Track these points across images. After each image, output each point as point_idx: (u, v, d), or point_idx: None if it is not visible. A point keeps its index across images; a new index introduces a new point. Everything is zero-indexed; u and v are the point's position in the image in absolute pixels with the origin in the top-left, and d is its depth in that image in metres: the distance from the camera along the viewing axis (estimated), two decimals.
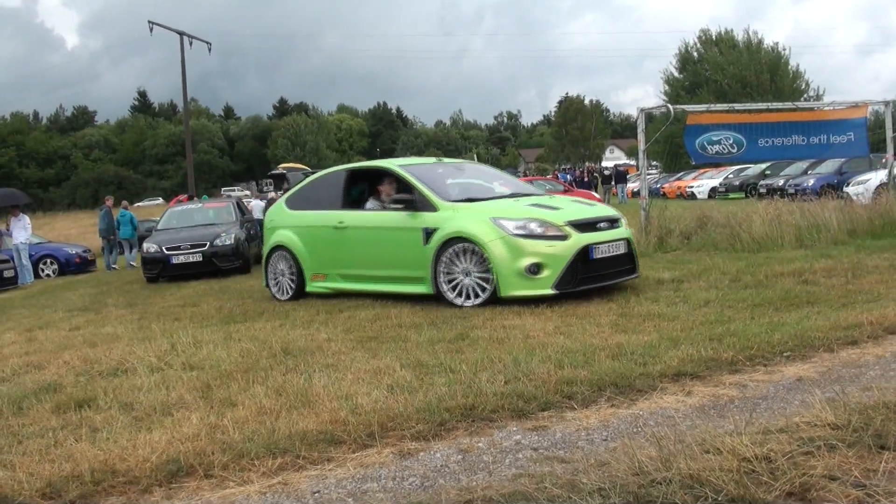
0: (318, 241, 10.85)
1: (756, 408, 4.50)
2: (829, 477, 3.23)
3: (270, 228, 11.68)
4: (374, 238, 10.25)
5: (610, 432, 4.24)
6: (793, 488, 3.15)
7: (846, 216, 13.65)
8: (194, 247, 17.20)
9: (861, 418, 3.83)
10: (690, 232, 13.79)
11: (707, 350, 5.68)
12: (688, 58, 67.36)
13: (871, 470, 3.34)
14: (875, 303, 7.32)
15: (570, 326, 7.19)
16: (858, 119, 16.41)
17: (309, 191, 11.51)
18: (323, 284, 10.85)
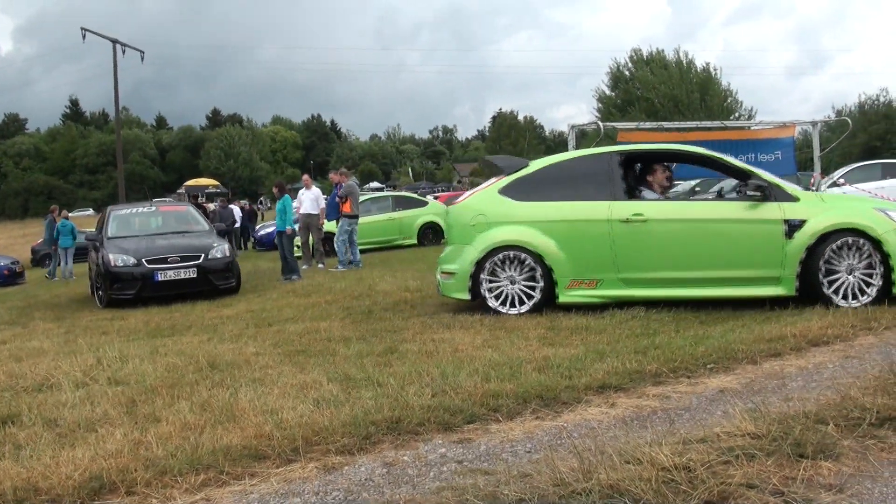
0: (586, 239, 8.73)
1: (678, 419, 4.57)
2: (748, 485, 3.30)
3: (480, 224, 9.09)
4: (698, 233, 8.48)
5: (534, 444, 4.27)
6: (711, 497, 3.21)
7: None
8: (185, 259, 13.77)
9: (781, 428, 3.92)
10: None
11: (632, 363, 5.76)
12: (620, 76, 68.31)
13: (789, 478, 3.42)
14: (799, 316, 7.49)
15: (499, 340, 7.23)
16: (786, 138, 16.83)
17: (550, 178, 9.24)
18: (590, 293, 8.73)
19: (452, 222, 9.62)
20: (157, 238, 14.86)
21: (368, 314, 9.43)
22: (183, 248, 14.07)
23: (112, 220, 15.69)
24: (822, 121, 19.45)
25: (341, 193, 17.69)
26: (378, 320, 9.00)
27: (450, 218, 9.75)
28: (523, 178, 9.24)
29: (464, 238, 9.17)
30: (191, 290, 13.59)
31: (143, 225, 16.11)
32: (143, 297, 13.31)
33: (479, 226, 9.08)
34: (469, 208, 9.35)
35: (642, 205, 8.68)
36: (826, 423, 4.06)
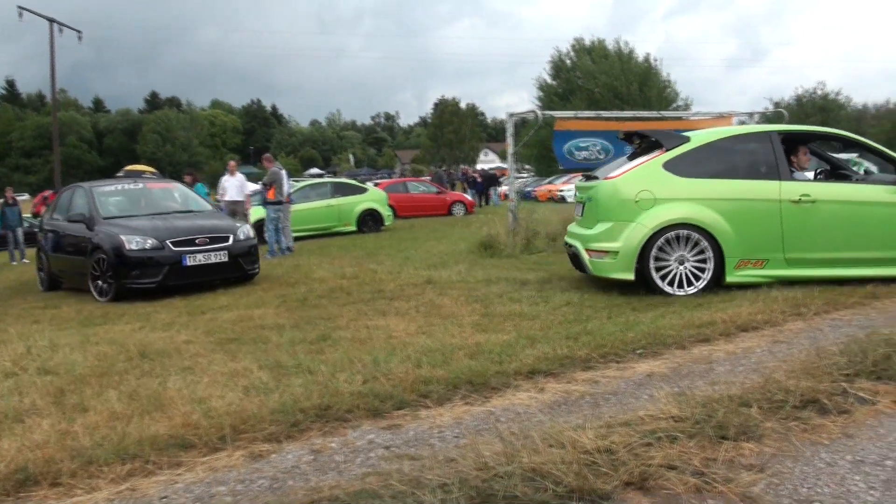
0: (757, 219, 8.57)
1: (605, 403, 4.61)
2: (668, 466, 3.34)
3: (645, 200, 8.60)
4: (859, 214, 8.59)
5: (462, 429, 4.26)
6: (632, 478, 3.24)
7: None
8: (214, 241, 11.94)
9: (704, 411, 3.98)
10: (557, 234, 14.04)
11: (562, 348, 5.79)
12: (561, 66, 68.66)
13: (710, 459, 3.47)
14: (730, 302, 7.61)
15: (433, 327, 7.21)
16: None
17: (712, 154, 8.93)
18: (757, 272, 8.59)
19: (610, 198, 8.87)
20: (172, 218, 12.68)
21: (303, 301, 9.35)
22: (210, 229, 12.22)
23: (100, 199, 13.11)
24: (759, 112, 19.73)
25: (265, 180, 17.50)
26: (312, 307, 8.92)
27: (604, 193, 8.96)
28: (686, 153, 8.89)
29: (626, 215, 8.64)
30: (220, 277, 11.97)
31: (139, 203, 13.63)
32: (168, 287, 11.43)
33: (643, 202, 8.62)
34: (631, 184, 8.76)
35: (810, 185, 8.74)
36: (749, 405, 4.13)
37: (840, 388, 4.52)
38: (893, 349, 5.27)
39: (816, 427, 3.99)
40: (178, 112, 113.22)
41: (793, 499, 3.18)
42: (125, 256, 11.39)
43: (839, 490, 3.28)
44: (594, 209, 9.06)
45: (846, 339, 5.86)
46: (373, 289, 10.05)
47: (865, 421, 4.15)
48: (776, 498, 3.19)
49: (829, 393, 4.43)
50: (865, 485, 3.35)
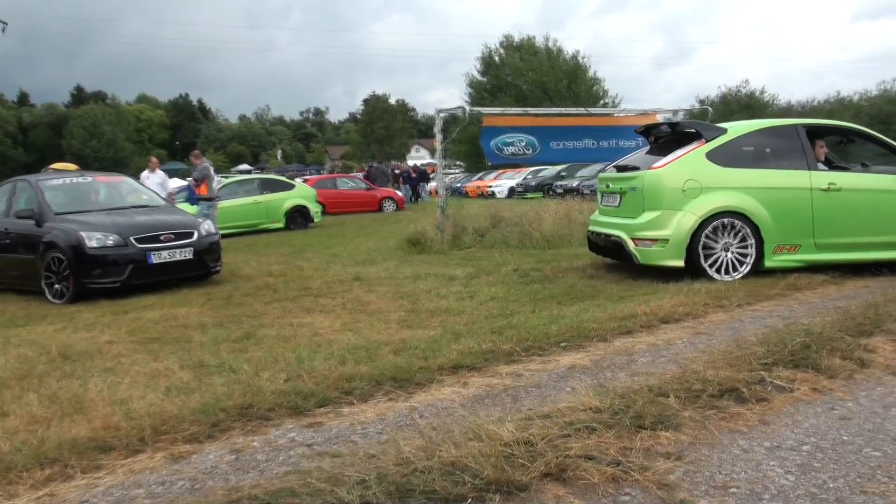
0: (791, 206, 8.99)
1: (527, 396, 4.63)
2: (586, 456, 3.37)
3: (692, 189, 8.89)
4: (878, 202, 9.18)
5: (385, 426, 4.24)
6: (549, 469, 3.27)
7: None
8: (179, 237, 11.27)
9: (623, 402, 4.03)
10: (484, 230, 14.13)
11: (487, 343, 5.82)
12: (490, 62, 69.10)
13: (628, 448, 3.51)
14: (653, 295, 7.74)
15: (359, 323, 7.18)
16: None
17: (748, 146, 9.31)
18: (792, 257, 9.02)
19: (657, 187, 9.03)
20: (131, 213, 11.91)
21: (228, 300, 9.23)
22: (174, 225, 11.52)
23: (48, 193, 12.10)
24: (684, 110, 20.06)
25: (196, 176, 17.27)
26: (238, 306, 8.82)
27: (651, 183, 9.09)
28: (726, 143, 9.21)
29: (674, 204, 8.88)
30: (185, 275, 11.25)
31: (91, 197, 12.74)
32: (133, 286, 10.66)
33: (691, 191, 8.88)
34: (678, 173, 9.00)
35: (835, 175, 9.19)
36: (668, 395, 4.20)
37: (758, 377, 4.62)
38: (812, 339, 5.41)
39: (734, 415, 4.06)
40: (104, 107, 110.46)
41: (709, 485, 3.23)
42: (86, 255, 10.60)
43: (755, 475, 3.34)
44: (638, 199, 9.19)
45: (766, 329, 6.00)
46: (299, 286, 9.97)
47: (783, 408, 4.25)
48: (692, 485, 3.23)
49: (748, 382, 4.52)
50: (781, 469, 3.42)
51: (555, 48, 68.02)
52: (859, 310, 6.58)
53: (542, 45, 68.53)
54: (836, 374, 4.87)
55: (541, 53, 67.09)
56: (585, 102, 56.38)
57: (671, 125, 10.13)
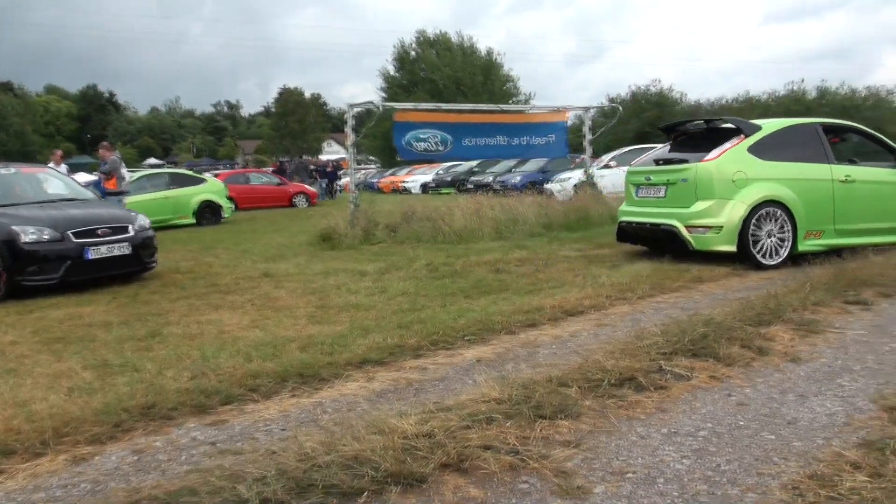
0: (818, 196, 9.81)
1: (433, 389, 4.67)
2: (485, 447, 3.42)
3: (741, 180, 9.57)
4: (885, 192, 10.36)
5: (288, 422, 4.22)
6: (449, 460, 3.30)
7: (543, 210, 14.63)
8: (116, 232, 10.59)
9: (524, 392, 4.10)
10: (396, 225, 14.13)
11: (394, 338, 5.84)
12: (405, 57, 69.10)
13: (527, 438, 3.57)
14: (559, 289, 7.85)
15: (266, 320, 7.12)
16: (559, 123, 17.68)
17: (780, 140, 10.06)
18: (817, 242, 9.86)
19: (710, 178, 9.67)
20: (64, 206, 11.21)
21: (134, 297, 9.05)
22: (109, 219, 10.84)
23: None
24: (594, 107, 20.38)
25: (104, 170, 16.86)
26: (144, 304, 8.65)
27: (704, 174, 9.72)
28: (763, 139, 9.96)
29: (725, 193, 9.55)
30: (122, 271, 10.58)
31: (16, 190, 11.88)
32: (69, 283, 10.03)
33: (739, 182, 9.55)
34: (728, 165, 9.69)
35: (850, 168, 10.11)
36: (568, 385, 4.28)
37: (657, 366, 4.74)
38: (711, 328, 5.56)
39: (633, 403, 4.16)
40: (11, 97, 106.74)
41: (606, 471, 3.31)
42: (20, 250, 9.92)
43: (651, 461, 3.43)
44: (690, 189, 9.83)
45: (668, 320, 6.15)
46: (207, 283, 9.83)
47: (681, 395, 4.36)
48: (589, 471, 3.30)
49: (647, 371, 4.63)
50: (677, 454, 3.52)
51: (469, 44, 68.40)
52: (760, 300, 6.79)
53: (456, 41, 68.82)
54: (735, 362, 5.03)
55: (455, 49, 67.35)
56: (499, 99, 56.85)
57: (707, 121, 10.76)
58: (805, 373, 4.88)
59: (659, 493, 3.11)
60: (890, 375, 4.77)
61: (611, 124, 20.97)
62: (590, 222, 14.83)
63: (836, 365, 5.06)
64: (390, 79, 68.92)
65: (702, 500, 3.05)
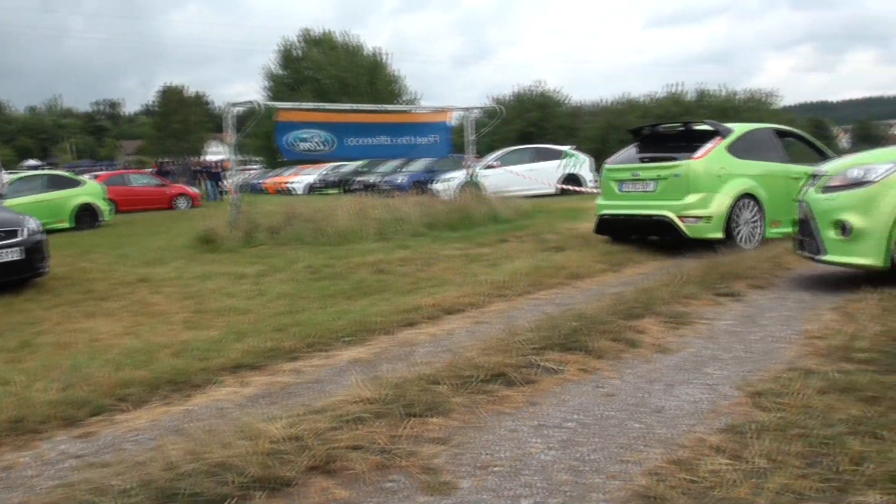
0: (778, 190, 10.97)
1: (307, 392, 4.67)
2: (354, 447, 3.45)
3: (725, 176, 10.78)
4: None
5: (159, 431, 4.16)
6: (316, 462, 3.32)
7: (426, 210, 14.72)
8: (6, 236, 9.76)
9: (396, 391, 4.14)
10: (278, 227, 13.99)
11: (270, 341, 5.80)
12: (290, 56, 68.24)
13: (396, 436, 3.62)
14: (439, 288, 7.93)
15: (141, 326, 6.98)
16: (443, 123, 17.83)
17: (748, 142, 11.32)
18: (778, 230, 11.00)
19: (700, 174, 10.72)
20: None
21: (7, 306, 8.71)
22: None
23: None
24: (477, 107, 20.59)
25: None
26: (16, 312, 8.35)
27: (695, 170, 10.72)
28: (736, 140, 11.16)
29: (713, 187, 10.65)
30: (12, 278, 9.79)
31: None
32: None
33: (724, 177, 10.72)
34: (713, 163, 10.79)
35: (801, 167, 10.82)
36: (440, 383, 4.33)
37: (529, 361, 4.84)
38: (583, 323, 5.70)
39: (503, 398, 4.24)
40: None
41: (473, 466, 3.37)
42: None
43: (518, 453, 3.51)
44: (682, 183, 10.79)
45: (542, 316, 6.26)
46: (83, 289, 9.55)
47: (551, 389, 4.47)
48: (457, 467, 3.36)
49: (518, 366, 4.72)
50: (544, 446, 3.61)
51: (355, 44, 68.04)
52: (632, 295, 6.99)
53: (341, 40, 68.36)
54: (605, 355, 5.17)
55: (340, 49, 66.90)
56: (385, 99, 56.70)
57: (684, 123, 12.03)
58: (673, 363, 5.06)
59: (524, 484, 3.18)
60: (756, 363, 4.98)
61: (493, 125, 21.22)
62: (472, 222, 14.97)
63: (704, 354, 5.25)
64: (275, 77, 67.95)
65: (566, 489, 3.14)
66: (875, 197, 7.17)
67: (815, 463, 3.23)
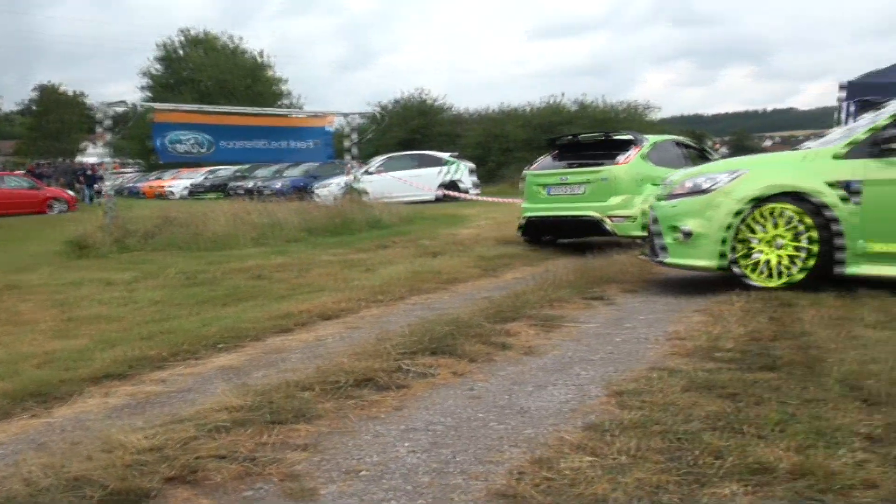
0: None
1: (174, 401, 4.59)
2: (216, 456, 3.43)
3: (645, 178, 11.57)
4: None
5: (21, 445, 4.01)
6: (178, 472, 3.28)
7: (305, 216, 14.69)
8: None
9: (263, 399, 4.13)
10: (154, 232, 13.73)
11: (139, 350, 5.67)
12: (170, 56, 66.78)
13: (261, 444, 3.61)
14: (315, 293, 7.92)
15: (6, 336, 6.71)
16: (324, 127, 17.78)
17: (659, 151, 12.28)
18: None
19: (624, 178, 11.69)
20: None
21: None
22: None
23: None
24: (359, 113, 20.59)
25: None
26: None
27: (621, 174, 11.70)
28: (650, 149, 12.12)
29: (636, 190, 11.50)
30: None
31: None
32: None
33: (644, 180, 11.52)
34: (635, 168, 11.75)
35: None
36: (308, 389, 4.34)
37: (399, 366, 4.89)
38: (455, 327, 5.78)
39: (372, 403, 4.28)
40: None
41: (338, 471, 3.40)
42: None
43: (384, 457, 3.55)
44: (607, 187, 11.72)
45: (416, 321, 6.32)
46: None
47: (420, 393, 4.52)
48: (321, 473, 3.38)
49: (388, 370, 4.77)
50: (410, 449, 3.65)
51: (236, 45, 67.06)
52: (505, 298, 7.13)
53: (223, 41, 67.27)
54: (475, 358, 5.25)
55: (221, 50, 65.84)
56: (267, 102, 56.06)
57: (603, 132, 13.14)
58: (542, 365, 5.18)
59: (388, 488, 3.23)
60: (622, 363, 5.13)
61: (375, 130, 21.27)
62: (352, 228, 15.01)
63: (572, 356, 5.39)
64: (155, 77, 66.40)
65: (429, 491, 3.19)
66: (711, 204, 7.68)
67: (674, 458, 3.35)
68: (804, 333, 5.53)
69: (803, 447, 3.34)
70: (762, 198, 7.46)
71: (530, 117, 45.83)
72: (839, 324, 5.83)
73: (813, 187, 7.26)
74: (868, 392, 4.07)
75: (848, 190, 7.18)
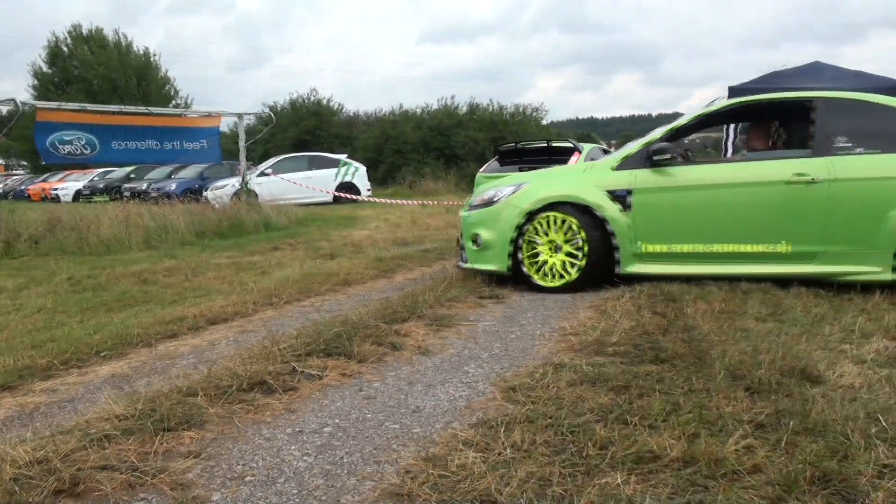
0: None
1: (60, 411, 4.48)
2: (101, 467, 3.37)
3: None
4: None
5: None
6: (62, 485, 3.22)
7: (195, 218, 14.49)
8: None
9: (149, 406, 4.07)
10: (40, 236, 13.33)
11: (23, 359, 5.51)
12: (58, 53, 64.75)
13: (147, 453, 3.56)
14: (206, 297, 7.82)
15: None
16: (212, 128, 17.54)
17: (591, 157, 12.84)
18: None
19: None
20: None
21: None
22: None
23: None
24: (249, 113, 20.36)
25: None
26: None
27: None
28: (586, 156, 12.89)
29: None
30: None
31: None
32: None
33: None
34: None
35: None
36: (196, 394, 4.30)
37: (290, 368, 4.88)
38: (347, 328, 5.80)
39: (261, 406, 4.26)
40: None
41: (226, 477, 3.38)
42: None
43: (273, 462, 3.54)
44: None
45: (308, 323, 6.32)
46: None
47: (311, 395, 4.52)
48: (209, 479, 3.36)
49: (278, 373, 4.75)
50: (300, 452, 3.65)
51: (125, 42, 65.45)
52: (398, 299, 7.17)
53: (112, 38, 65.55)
54: (367, 359, 5.27)
55: (110, 47, 64.18)
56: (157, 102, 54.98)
57: (547, 141, 14.02)
58: (434, 364, 5.23)
59: (277, 492, 3.23)
60: (513, 360, 5.23)
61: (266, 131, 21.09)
62: (244, 230, 14.87)
63: (464, 354, 5.46)
64: (42, 76, 64.30)
65: (319, 493, 3.20)
66: (499, 213, 8.21)
67: (563, 450, 3.44)
68: (691, 327, 5.74)
69: (691, 436, 3.48)
70: (541, 207, 8.05)
71: (424, 120, 46.10)
72: (726, 317, 6.08)
73: (587, 197, 7.93)
74: (754, 381, 4.26)
75: (621, 198, 7.89)
